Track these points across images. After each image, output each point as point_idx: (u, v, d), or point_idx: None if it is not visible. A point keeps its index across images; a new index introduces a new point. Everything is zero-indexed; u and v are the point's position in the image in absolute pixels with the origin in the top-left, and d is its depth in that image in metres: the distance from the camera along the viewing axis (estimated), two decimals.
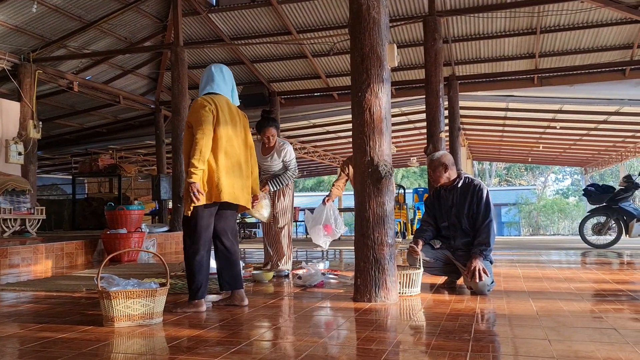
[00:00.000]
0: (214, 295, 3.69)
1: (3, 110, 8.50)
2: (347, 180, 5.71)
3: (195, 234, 3.23)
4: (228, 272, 3.41)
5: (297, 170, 5.08)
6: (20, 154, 8.48)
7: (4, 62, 8.46)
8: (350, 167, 5.28)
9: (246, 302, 3.41)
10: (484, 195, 3.87)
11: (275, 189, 4.94)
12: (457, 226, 3.94)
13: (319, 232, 5.01)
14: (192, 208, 3.17)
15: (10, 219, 7.16)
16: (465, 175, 4.03)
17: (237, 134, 3.36)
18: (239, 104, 3.55)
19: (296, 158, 5.37)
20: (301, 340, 2.47)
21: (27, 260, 5.84)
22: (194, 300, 3.24)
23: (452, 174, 3.99)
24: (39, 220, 7.74)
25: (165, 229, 8.90)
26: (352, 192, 3.72)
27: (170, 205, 10.90)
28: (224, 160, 3.23)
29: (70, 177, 14.27)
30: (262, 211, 4.76)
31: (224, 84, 3.41)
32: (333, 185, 5.82)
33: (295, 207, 12.54)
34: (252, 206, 3.70)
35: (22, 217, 7.38)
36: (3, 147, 8.35)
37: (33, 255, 5.93)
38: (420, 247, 3.92)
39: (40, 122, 8.86)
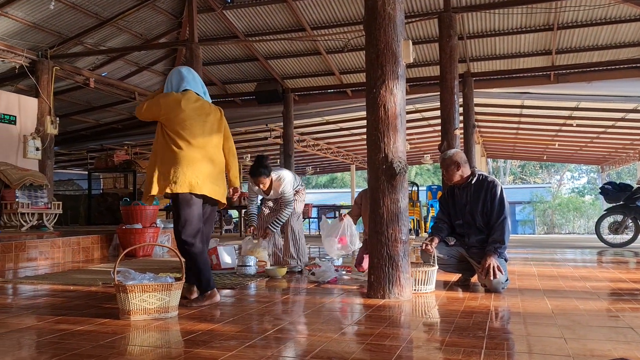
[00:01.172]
0: (228, 290, 3.72)
1: (21, 106, 8.62)
2: (359, 214, 5.37)
3: (185, 225, 3.23)
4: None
5: (292, 203, 5.08)
6: (37, 149, 8.59)
7: (22, 59, 8.57)
8: (364, 199, 5.20)
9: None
10: (498, 192, 3.84)
11: (276, 229, 5.07)
12: (471, 224, 3.92)
13: (333, 244, 4.97)
14: (181, 193, 3.18)
15: (28, 214, 7.26)
16: (479, 173, 4.01)
17: (207, 129, 3.35)
18: (211, 101, 3.57)
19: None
20: (315, 335, 2.48)
21: (44, 254, 5.92)
22: (207, 291, 3.26)
23: (465, 171, 3.97)
24: (55, 215, 7.84)
25: None
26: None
27: None
28: (192, 153, 3.23)
29: (86, 172, 14.42)
30: (261, 255, 5.02)
31: (194, 82, 3.45)
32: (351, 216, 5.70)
33: (307, 204, 12.55)
34: (233, 199, 3.73)
35: (40, 212, 7.48)
36: (21, 142, 8.47)
37: (50, 249, 6.01)
38: (435, 244, 3.91)
39: (57, 118, 8.96)
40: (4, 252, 5.40)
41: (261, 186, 5.02)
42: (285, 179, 5.04)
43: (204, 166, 3.27)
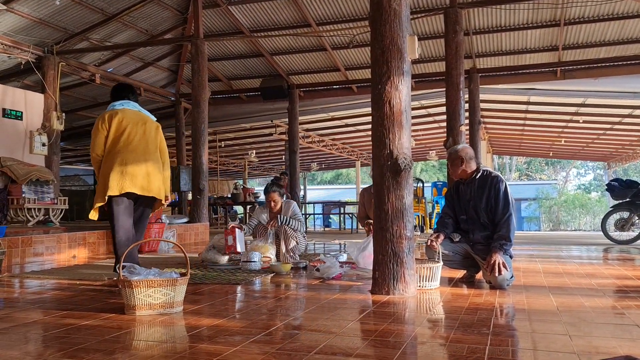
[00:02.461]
0: (233, 286, 3.71)
1: (28, 101, 8.66)
2: (365, 214, 5.32)
3: (113, 221, 3.95)
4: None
5: (303, 223, 5.43)
6: (44, 144, 8.63)
7: (28, 55, 8.60)
8: (367, 197, 5.20)
9: None
10: (502, 188, 3.82)
11: (280, 223, 5.23)
12: (475, 220, 3.91)
13: (368, 258, 4.79)
14: (106, 198, 3.86)
15: (34, 209, 7.30)
16: (484, 169, 3.99)
17: (142, 135, 3.98)
18: (154, 119, 4.21)
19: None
20: (319, 331, 2.49)
21: (50, 249, 5.95)
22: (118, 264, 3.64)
23: (469, 167, 3.96)
24: (61, 210, 7.88)
25: (185, 220, 9.00)
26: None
27: (190, 197, 11.00)
28: (121, 159, 3.86)
29: (92, 168, 14.47)
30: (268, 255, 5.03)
31: (128, 104, 4.07)
32: (359, 220, 5.64)
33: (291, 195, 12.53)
34: (164, 205, 4.28)
35: (46, 207, 7.52)
36: (28, 138, 8.51)
37: (56, 245, 6.04)
38: (440, 240, 3.90)
39: (63, 114, 9.00)
40: (10, 247, 5.43)
41: (272, 203, 5.28)
42: (294, 202, 5.39)
43: (136, 167, 3.85)
